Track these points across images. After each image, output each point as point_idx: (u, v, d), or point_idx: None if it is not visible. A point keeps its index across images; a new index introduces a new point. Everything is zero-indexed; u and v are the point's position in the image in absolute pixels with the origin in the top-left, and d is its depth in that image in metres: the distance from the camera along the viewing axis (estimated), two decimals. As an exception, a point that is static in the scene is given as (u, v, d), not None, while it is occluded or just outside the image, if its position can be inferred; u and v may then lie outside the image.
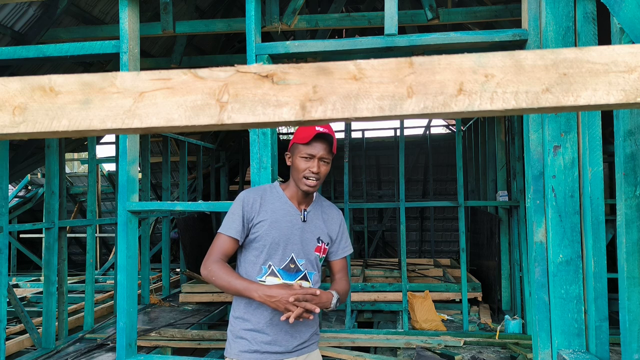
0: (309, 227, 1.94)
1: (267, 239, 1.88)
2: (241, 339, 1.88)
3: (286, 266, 1.89)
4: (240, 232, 1.90)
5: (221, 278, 1.84)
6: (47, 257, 4.77)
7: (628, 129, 1.62)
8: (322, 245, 1.97)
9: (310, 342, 2.00)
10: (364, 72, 0.60)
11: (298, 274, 1.91)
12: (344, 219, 2.12)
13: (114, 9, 4.46)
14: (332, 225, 2.02)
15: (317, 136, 1.84)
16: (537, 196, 2.28)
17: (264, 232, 1.88)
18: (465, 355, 4.25)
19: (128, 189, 2.60)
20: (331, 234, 2.01)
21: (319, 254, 1.96)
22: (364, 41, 2.53)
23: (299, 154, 1.87)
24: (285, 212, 1.92)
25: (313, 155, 1.85)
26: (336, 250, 2.04)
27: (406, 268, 5.34)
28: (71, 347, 4.72)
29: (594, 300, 2.04)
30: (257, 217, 1.90)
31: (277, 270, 1.89)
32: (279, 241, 1.88)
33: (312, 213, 1.97)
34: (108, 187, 9.61)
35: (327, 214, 2.03)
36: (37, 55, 2.79)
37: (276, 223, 1.89)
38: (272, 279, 1.88)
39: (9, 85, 0.62)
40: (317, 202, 2.01)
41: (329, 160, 1.90)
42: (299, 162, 1.87)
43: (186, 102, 0.61)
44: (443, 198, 9.60)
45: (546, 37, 2.23)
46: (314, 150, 1.85)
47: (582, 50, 0.59)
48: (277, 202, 1.94)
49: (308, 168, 1.85)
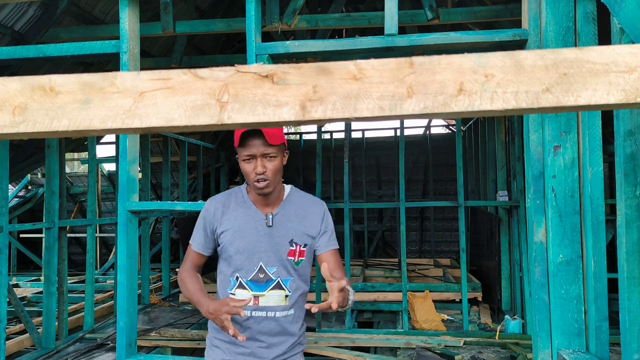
0: (277, 232, 1.79)
1: (232, 250, 1.77)
2: (217, 347, 1.83)
3: (254, 277, 1.77)
4: (203, 245, 1.82)
5: (185, 289, 1.81)
6: (47, 257, 4.77)
7: (628, 129, 1.62)
8: (296, 249, 1.79)
9: (292, 352, 1.86)
10: (364, 72, 0.60)
11: (269, 283, 1.77)
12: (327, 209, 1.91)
13: (114, 9, 4.46)
14: (312, 222, 1.84)
15: (245, 134, 1.69)
16: (537, 196, 2.28)
17: (228, 242, 1.78)
18: (465, 355, 4.24)
19: (128, 189, 2.60)
20: (310, 231, 1.83)
21: (293, 258, 1.79)
22: (364, 41, 2.53)
23: (240, 158, 1.74)
24: (248, 219, 1.79)
25: (252, 155, 1.70)
26: (321, 245, 1.85)
27: (406, 268, 5.34)
28: (71, 347, 4.72)
29: (594, 300, 2.04)
30: (220, 227, 1.80)
31: (245, 282, 1.77)
32: (244, 250, 1.76)
33: (282, 215, 1.81)
34: (108, 187, 9.61)
35: (305, 211, 1.85)
36: (37, 55, 2.78)
37: (239, 232, 1.77)
38: (241, 292, 1.78)
39: (9, 85, 0.62)
40: (289, 201, 1.85)
41: (274, 154, 1.72)
42: (243, 166, 1.73)
43: (186, 102, 0.61)
44: (443, 198, 9.60)
45: (546, 37, 2.23)
46: (251, 149, 1.70)
47: (582, 50, 0.59)
48: (240, 209, 1.81)
49: (252, 170, 1.71)
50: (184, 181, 7.32)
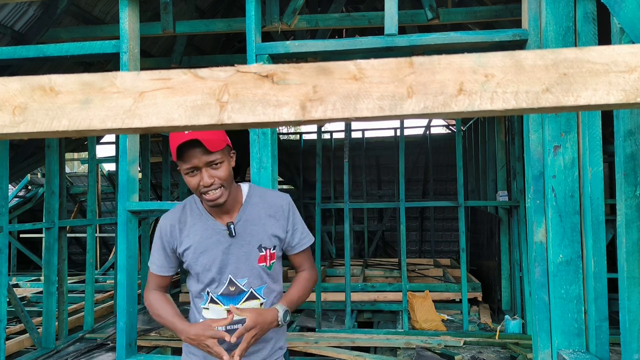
0: (243, 240, 1.66)
1: (197, 267, 1.67)
2: (193, 354, 1.75)
3: (225, 290, 1.67)
4: (165, 266, 1.73)
5: (156, 315, 1.72)
6: (47, 257, 4.77)
7: (628, 129, 1.62)
8: (266, 253, 1.69)
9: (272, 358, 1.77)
10: (364, 72, 0.60)
11: (242, 295, 1.68)
12: (294, 205, 1.78)
13: (114, 9, 4.46)
14: (278, 221, 1.71)
15: (182, 146, 1.51)
16: (537, 196, 2.28)
17: (191, 260, 1.67)
18: (465, 355, 4.24)
19: (128, 188, 2.60)
20: (278, 232, 1.71)
21: (265, 263, 1.69)
22: (364, 41, 2.53)
23: (183, 172, 1.58)
24: (208, 233, 1.66)
25: (194, 166, 1.54)
26: (291, 245, 1.76)
27: (406, 268, 5.34)
28: (71, 346, 4.72)
29: (594, 300, 2.04)
30: (180, 246, 1.68)
31: (216, 297, 1.68)
32: (210, 267, 1.65)
33: (245, 220, 1.68)
34: (108, 187, 9.61)
35: (266, 210, 1.71)
36: (37, 55, 2.78)
37: (201, 247, 1.65)
38: (214, 307, 1.69)
39: (9, 85, 0.62)
40: (249, 203, 1.70)
41: (219, 160, 1.56)
42: (188, 180, 1.58)
43: (186, 102, 0.61)
44: (443, 198, 9.60)
45: (546, 37, 2.23)
46: (192, 161, 1.53)
47: (582, 50, 0.59)
48: (198, 223, 1.68)
49: (199, 183, 1.56)
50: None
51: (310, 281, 1.81)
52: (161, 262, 1.73)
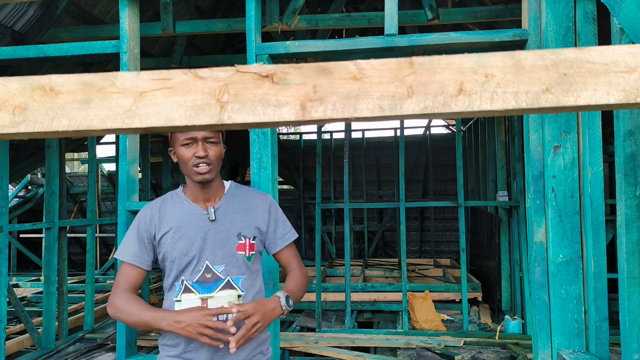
0: (222, 225, 1.66)
1: (175, 252, 1.63)
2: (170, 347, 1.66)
3: (201, 277, 1.62)
4: (139, 256, 1.65)
5: (128, 313, 1.56)
6: (47, 257, 4.77)
7: (628, 129, 1.62)
8: (245, 242, 1.67)
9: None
10: (364, 72, 0.60)
11: (218, 283, 1.63)
12: (275, 202, 1.81)
13: (114, 9, 4.46)
14: (257, 214, 1.72)
15: None
16: (537, 196, 2.28)
17: (169, 245, 1.63)
18: (465, 355, 4.24)
19: (128, 189, 2.60)
20: (258, 224, 1.71)
21: (243, 252, 1.66)
22: (364, 41, 2.53)
23: (180, 143, 1.63)
24: (190, 218, 1.66)
25: (194, 138, 1.60)
26: (274, 241, 1.76)
27: (406, 268, 5.34)
28: (71, 347, 4.72)
29: (594, 300, 2.04)
30: (159, 232, 1.66)
31: (190, 284, 1.62)
32: (188, 251, 1.62)
33: (225, 207, 1.70)
34: (108, 187, 9.61)
35: (248, 203, 1.74)
36: (37, 55, 2.78)
37: (180, 231, 1.64)
38: (188, 296, 1.62)
39: (9, 85, 0.62)
40: (231, 194, 1.74)
41: (216, 140, 1.63)
42: (182, 151, 1.63)
43: (186, 102, 0.61)
44: (443, 198, 9.61)
45: (546, 37, 2.23)
46: (191, 132, 1.57)
47: (582, 50, 0.59)
48: (178, 209, 1.69)
49: (193, 154, 1.61)
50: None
51: (303, 278, 1.77)
52: (135, 251, 1.66)
